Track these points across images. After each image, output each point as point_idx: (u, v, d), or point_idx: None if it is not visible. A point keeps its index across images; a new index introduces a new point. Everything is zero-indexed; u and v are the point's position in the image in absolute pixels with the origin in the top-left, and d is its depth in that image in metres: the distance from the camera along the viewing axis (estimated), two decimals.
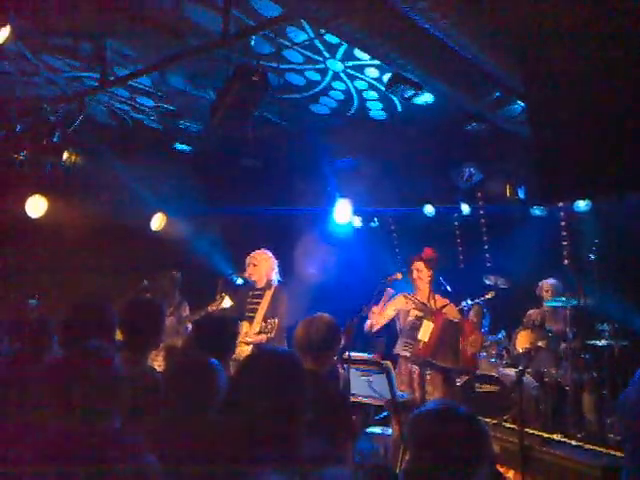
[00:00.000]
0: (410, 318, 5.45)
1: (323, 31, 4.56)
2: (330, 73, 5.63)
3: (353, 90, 5.99)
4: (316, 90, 6.02)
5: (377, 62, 5.18)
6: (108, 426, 1.91)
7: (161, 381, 2.86)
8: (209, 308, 5.47)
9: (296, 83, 5.84)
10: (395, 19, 3.56)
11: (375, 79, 5.70)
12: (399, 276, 5.41)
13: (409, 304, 5.53)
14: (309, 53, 5.20)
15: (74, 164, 6.35)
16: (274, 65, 5.13)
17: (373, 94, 6.08)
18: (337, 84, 5.88)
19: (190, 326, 5.99)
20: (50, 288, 7.04)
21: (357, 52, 5.10)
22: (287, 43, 4.94)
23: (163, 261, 7.15)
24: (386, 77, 5.42)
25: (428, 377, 5.17)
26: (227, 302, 5.48)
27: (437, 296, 5.59)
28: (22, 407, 2.41)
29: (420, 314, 5.41)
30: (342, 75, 5.67)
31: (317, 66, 5.47)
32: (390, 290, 5.45)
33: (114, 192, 7.62)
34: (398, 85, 4.71)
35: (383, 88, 5.74)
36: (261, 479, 1.35)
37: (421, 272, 5.54)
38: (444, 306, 5.47)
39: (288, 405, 2.04)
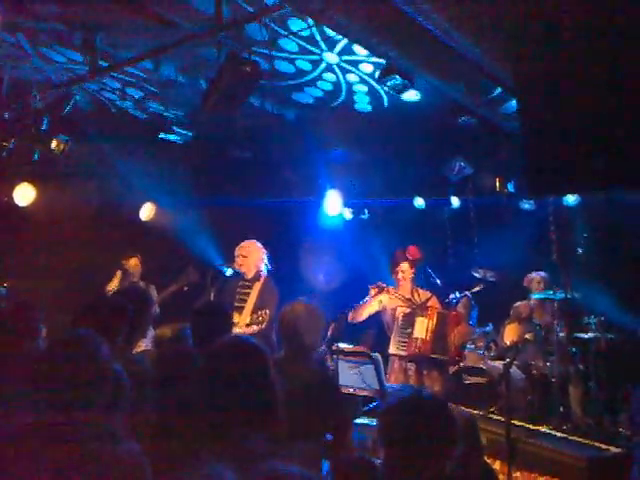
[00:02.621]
0: (398, 315, 5.47)
1: (312, 22, 4.52)
2: (323, 65, 5.60)
3: (343, 82, 5.97)
4: (304, 79, 5.98)
5: (375, 59, 5.15)
6: (91, 415, 1.89)
7: (147, 370, 2.86)
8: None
9: (284, 70, 5.78)
10: (388, 11, 3.55)
11: (369, 75, 5.69)
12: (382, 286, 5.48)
13: (394, 300, 5.56)
14: (305, 44, 5.16)
15: (62, 152, 6.29)
16: (266, 52, 5.06)
17: (363, 87, 6.07)
18: (327, 75, 5.85)
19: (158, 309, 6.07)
20: (33, 277, 6.98)
21: (356, 48, 5.07)
22: (284, 32, 4.88)
23: (152, 251, 7.11)
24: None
25: (425, 373, 5.21)
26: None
27: (419, 289, 5.63)
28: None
29: (408, 310, 5.43)
30: (335, 67, 5.64)
31: (311, 57, 5.43)
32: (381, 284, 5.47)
33: (103, 181, 7.57)
34: (390, 77, 4.70)
35: (374, 82, 5.74)
36: (204, 468, 1.36)
37: (405, 272, 5.60)
38: (428, 299, 5.51)
39: (240, 394, 2.05)
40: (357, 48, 5.02)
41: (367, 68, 5.55)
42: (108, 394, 1.97)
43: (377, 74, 5.18)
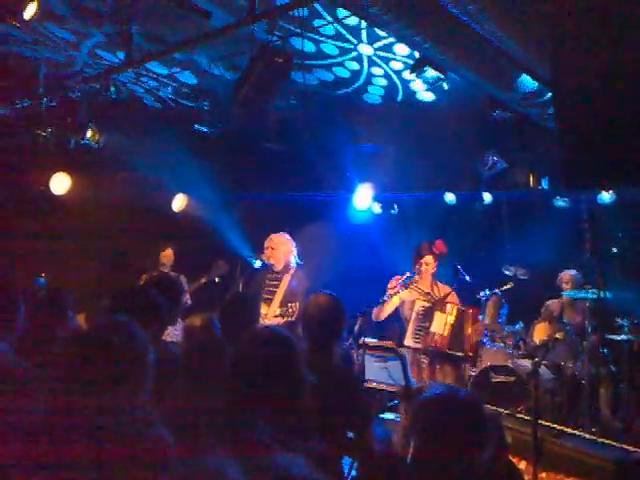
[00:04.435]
0: (417, 309, 5.44)
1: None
2: (353, 54, 5.56)
3: (365, 73, 5.92)
4: (322, 62, 5.92)
5: (407, 60, 5.12)
6: (122, 400, 1.93)
7: (178, 359, 2.90)
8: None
9: (306, 49, 5.60)
10: (422, 2, 3.52)
11: (395, 71, 5.66)
12: (408, 275, 5.45)
13: (413, 293, 5.53)
14: (345, 32, 5.13)
15: (97, 142, 6.40)
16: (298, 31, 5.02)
17: (383, 81, 6.04)
18: (350, 64, 5.79)
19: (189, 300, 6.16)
20: (68, 265, 7.12)
21: (396, 47, 5.05)
22: (331, 19, 4.86)
23: (183, 242, 7.20)
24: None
25: (438, 367, 5.19)
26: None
27: (439, 283, 5.60)
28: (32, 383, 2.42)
29: (427, 304, 5.40)
30: (364, 58, 5.60)
31: (343, 44, 5.39)
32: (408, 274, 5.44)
33: (136, 172, 7.68)
34: (423, 69, 4.66)
35: (396, 78, 5.72)
36: (205, 460, 1.36)
37: (429, 265, 5.56)
38: (448, 294, 5.47)
39: (268, 384, 2.06)
40: (397, 48, 5.00)
41: (397, 66, 5.53)
42: (142, 379, 2.00)
43: (411, 68, 5.16)
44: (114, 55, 5.81)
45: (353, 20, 4.81)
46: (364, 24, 4.89)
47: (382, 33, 4.85)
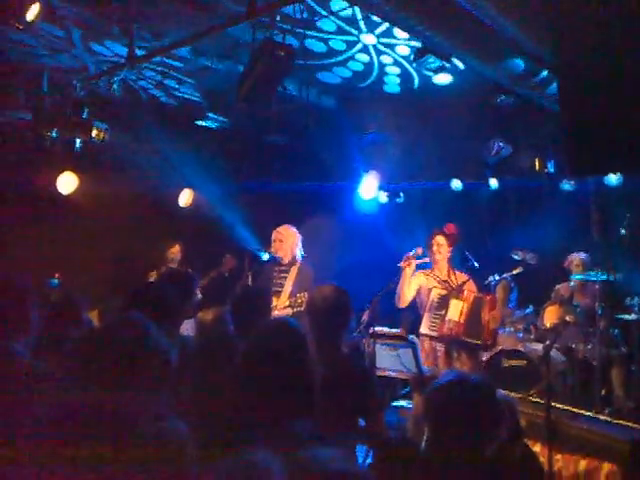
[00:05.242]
0: (433, 296, 5.44)
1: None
2: (359, 46, 5.55)
3: (376, 64, 5.91)
4: (336, 59, 5.93)
5: (413, 43, 5.10)
6: (136, 394, 1.94)
7: (191, 354, 2.93)
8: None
9: (316, 50, 5.72)
10: None
11: (404, 57, 5.63)
12: (420, 251, 5.40)
13: (430, 281, 5.53)
14: (344, 24, 5.11)
15: (103, 140, 6.42)
16: (300, 31, 5.04)
17: (395, 69, 6.01)
18: (360, 56, 5.80)
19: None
20: (79, 265, 7.16)
21: (396, 31, 5.02)
22: (324, 12, 4.85)
23: (190, 237, 7.23)
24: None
25: (455, 354, 5.18)
26: None
27: (457, 272, 5.58)
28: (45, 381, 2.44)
29: (444, 292, 5.40)
30: (370, 49, 5.59)
31: (347, 37, 5.38)
32: (419, 249, 5.41)
33: (142, 169, 7.71)
34: (425, 57, 4.65)
35: (408, 64, 5.69)
36: (247, 455, 1.37)
37: (441, 247, 5.51)
38: (464, 282, 5.45)
39: (282, 377, 2.08)
40: (397, 31, 4.97)
41: (403, 51, 5.50)
42: (156, 374, 2.02)
43: (412, 57, 5.13)
44: (104, 47, 5.77)
45: (347, 11, 4.80)
46: (360, 15, 4.89)
47: (378, 19, 4.81)
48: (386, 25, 4.96)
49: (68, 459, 1.75)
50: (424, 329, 5.37)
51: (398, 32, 5.03)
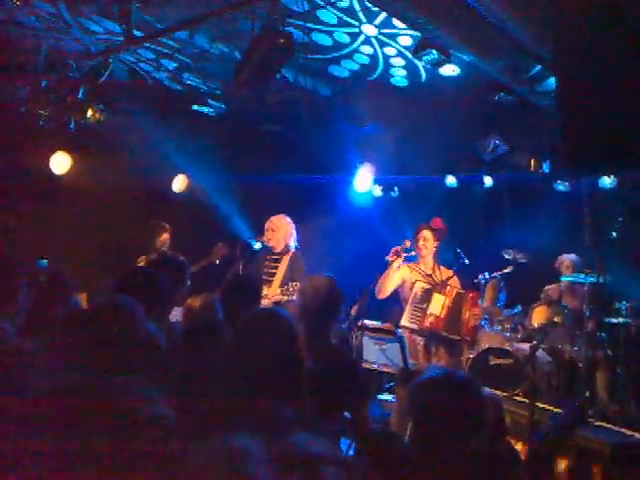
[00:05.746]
0: (417, 289, 5.45)
1: None
2: (362, 37, 5.52)
3: (380, 56, 5.89)
4: (342, 53, 5.91)
5: (413, 32, 5.07)
6: (124, 379, 1.93)
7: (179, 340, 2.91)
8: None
9: (322, 43, 5.72)
10: None
11: (407, 48, 5.60)
12: (408, 243, 5.41)
13: (414, 274, 5.54)
14: (344, 16, 5.08)
15: (98, 122, 6.37)
16: (302, 23, 5.01)
17: (400, 61, 5.98)
18: (365, 48, 5.77)
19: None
20: (69, 246, 7.11)
21: (395, 20, 4.99)
22: (322, 2, 4.82)
23: (183, 223, 7.19)
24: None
25: (433, 349, 5.21)
26: None
27: (442, 267, 5.60)
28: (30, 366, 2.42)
29: (427, 286, 5.41)
30: (373, 40, 5.56)
31: (349, 29, 5.35)
32: (407, 242, 5.42)
33: (136, 152, 7.66)
34: (426, 51, 4.63)
35: (411, 56, 5.65)
36: (229, 440, 1.36)
37: (427, 241, 5.53)
38: (449, 277, 5.47)
39: (269, 365, 2.08)
40: (396, 21, 4.94)
41: (405, 41, 5.46)
42: (143, 357, 2.01)
43: (413, 50, 5.11)
44: (99, 25, 5.70)
45: (344, 2, 4.77)
46: (358, 6, 4.85)
47: (376, 8, 4.78)
48: (384, 15, 4.93)
49: (51, 442, 1.73)
50: (405, 322, 5.37)
51: (397, 22, 5.00)
